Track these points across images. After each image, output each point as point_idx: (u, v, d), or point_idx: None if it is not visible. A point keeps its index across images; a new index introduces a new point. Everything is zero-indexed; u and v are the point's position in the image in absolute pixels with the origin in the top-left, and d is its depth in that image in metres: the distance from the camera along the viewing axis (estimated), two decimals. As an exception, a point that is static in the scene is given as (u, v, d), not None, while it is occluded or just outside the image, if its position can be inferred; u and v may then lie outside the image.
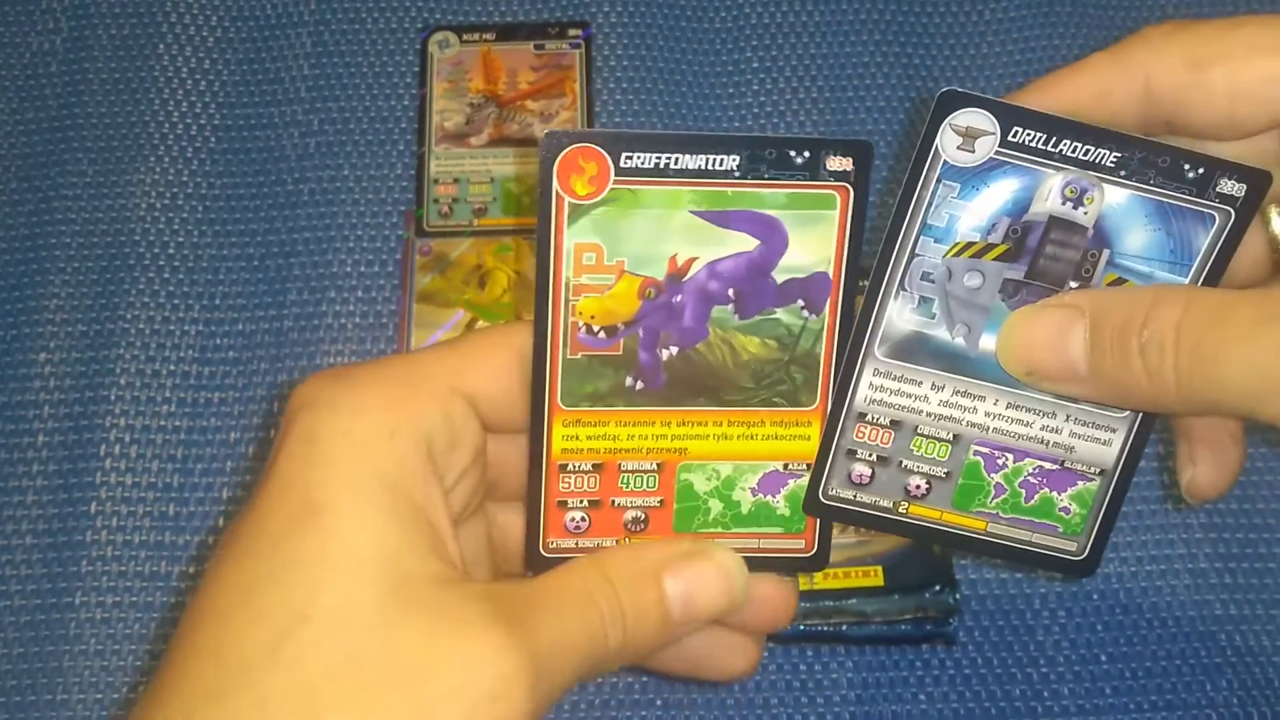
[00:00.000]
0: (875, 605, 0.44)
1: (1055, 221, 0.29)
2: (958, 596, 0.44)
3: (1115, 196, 0.29)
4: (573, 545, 0.32)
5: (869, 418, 0.31)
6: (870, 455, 0.31)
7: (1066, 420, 0.31)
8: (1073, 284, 0.30)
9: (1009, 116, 0.28)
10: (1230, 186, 0.28)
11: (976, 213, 0.29)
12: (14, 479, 0.47)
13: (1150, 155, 0.28)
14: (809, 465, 0.32)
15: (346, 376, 0.28)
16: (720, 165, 0.29)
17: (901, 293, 0.30)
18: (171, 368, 0.49)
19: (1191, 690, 0.44)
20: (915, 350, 0.30)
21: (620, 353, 0.30)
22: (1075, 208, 0.29)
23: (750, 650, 0.33)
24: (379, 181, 0.52)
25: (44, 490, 0.47)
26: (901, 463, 0.31)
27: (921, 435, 0.31)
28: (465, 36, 0.54)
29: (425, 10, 0.55)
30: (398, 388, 0.28)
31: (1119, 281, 0.30)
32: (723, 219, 0.29)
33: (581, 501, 0.31)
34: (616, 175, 0.29)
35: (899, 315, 0.30)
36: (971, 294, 0.30)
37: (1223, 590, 0.45)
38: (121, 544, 0.46)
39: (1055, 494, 0.31)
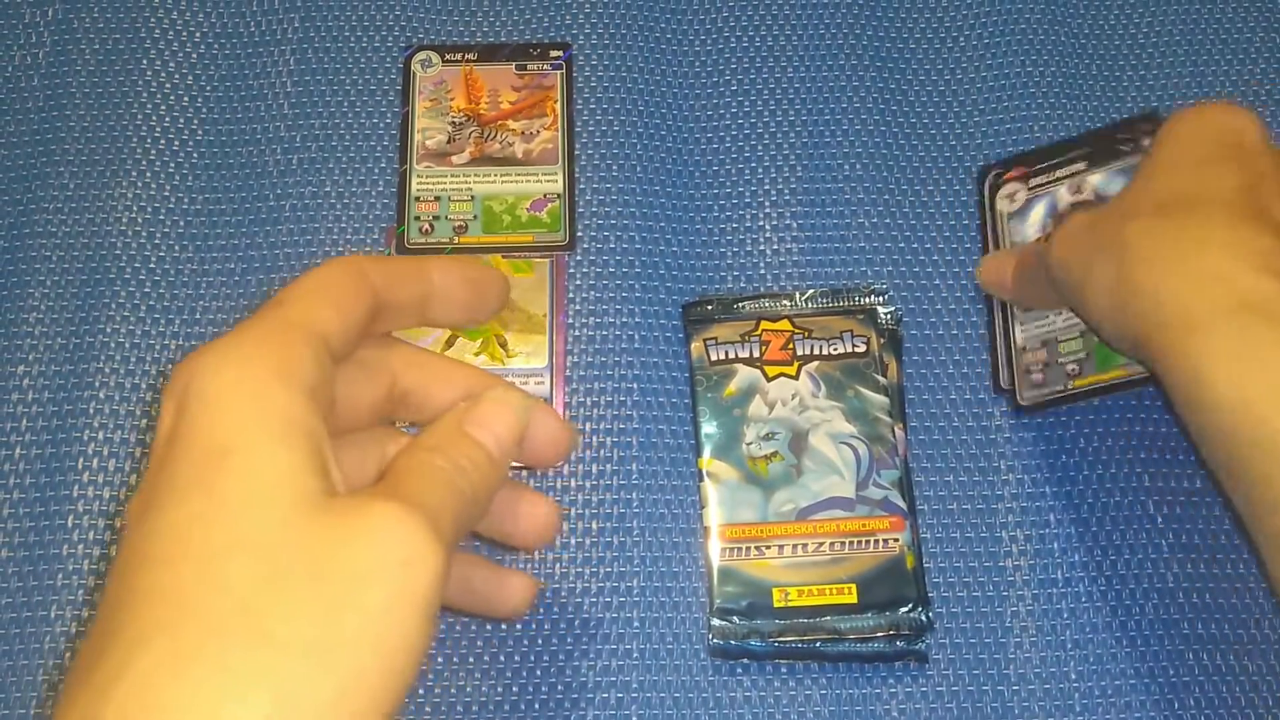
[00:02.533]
0: (849, 623, 0.45)
1: (1073, 207, 0.49)
2: (930, 615, 0.45)
3: (1096, 177, 0.49)
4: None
5: (1028, 347, 0.49)
6: (1038, 364, 0.48)
7: None
8: None
9: (1024, 170, 0.51)
10: None
11: (1033, 223, 0.50)
12: (-9, 492, 0.47)
13: (1096, 149, 0.49)
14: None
15: (222, 343, 0.31)
16: None
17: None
18: (151, 382, 0.49)
19: (1160, 708, 0.45)
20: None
21: None
22: (1077, 193, 0.50)
23: (551, 510, 0.40)
24: (361, 198, 0.53)
25: (20, 504, 0.47)
26: (1058, 360, 0.48)
27: (1061, 340, 0.48)
28: (448, 56, 0.55)
29: (408, 30, 0.56)
30: (272, 341, 0.31)
31: None
32: None
33: None
34: None
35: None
36: None
37: (1190, 610, 0.46)
38: (98, 558, 0.46)
39: None
